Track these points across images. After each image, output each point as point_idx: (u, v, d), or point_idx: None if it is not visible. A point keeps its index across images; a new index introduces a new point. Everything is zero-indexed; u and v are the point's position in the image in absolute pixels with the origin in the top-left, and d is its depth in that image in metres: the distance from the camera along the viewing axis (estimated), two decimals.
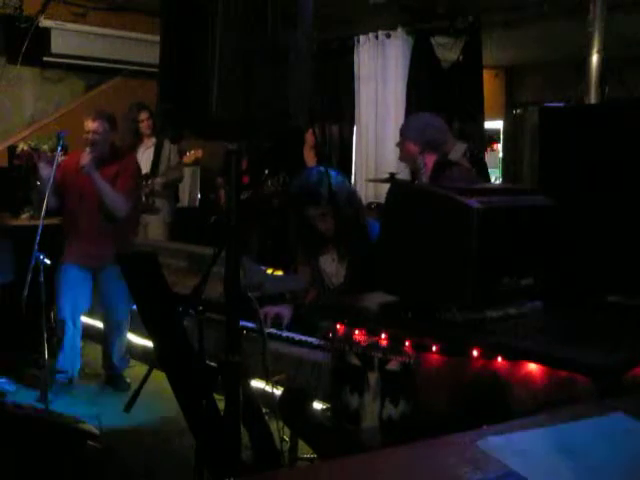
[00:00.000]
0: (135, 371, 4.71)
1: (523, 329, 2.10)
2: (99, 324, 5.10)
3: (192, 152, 5.96)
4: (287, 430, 2.86)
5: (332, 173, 3.13)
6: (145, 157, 5.92)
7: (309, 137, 5.88)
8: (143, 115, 5.90)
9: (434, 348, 2.05)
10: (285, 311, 3.11)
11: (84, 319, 4.92)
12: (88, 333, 5.05)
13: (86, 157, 4.47)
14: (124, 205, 4.58)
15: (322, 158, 5.72)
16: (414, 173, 3.82)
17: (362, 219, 3.27)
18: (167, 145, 5.95)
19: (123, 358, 4.82)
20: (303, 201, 3.15)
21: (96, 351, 5.09)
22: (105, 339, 4.84)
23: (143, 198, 5.71)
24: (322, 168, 3.23)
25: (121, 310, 4.68)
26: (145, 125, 5.94)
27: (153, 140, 5.98)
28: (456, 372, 2.01)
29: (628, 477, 1.06)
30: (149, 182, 5.77)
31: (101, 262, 4.63)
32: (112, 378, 4.83)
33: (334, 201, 3.05)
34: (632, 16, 4.91)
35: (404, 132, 3.78)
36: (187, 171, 7.01)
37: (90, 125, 4.56)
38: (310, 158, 5.99)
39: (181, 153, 6.01)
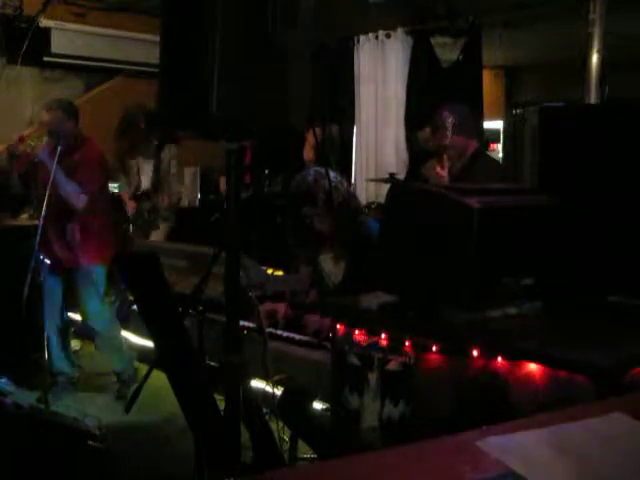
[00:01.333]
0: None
1: (523, 329, 2.10)
2: None
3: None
4: (287, 430, 2.86)
5: (330, 173, 3.15)
6: (145, 170, 5.83)
7: (309, 137, 5.88)
8: (141, 119, 5.83)
9: (434, 348, 2.05)
10: (278, 308, 3.12)
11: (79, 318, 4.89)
12: (89, 334, 5.05)
13: (41, 146, 4.32)
14: (78, 196, 4.35)
15: (322, 158, 5.72)
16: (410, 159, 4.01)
17: (360, 219, 3.27)
18: (167, 156, 5.86)
19: (125, 367, 4.68)
20: (301, 201, 3.16)
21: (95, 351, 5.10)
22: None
23: (145, 215, 5.64)
24: (320, 169, 3.24)
25: (96, 317, 4.59)
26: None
27: (151, 149, 5.86)
28: (456, 372, 2.01)
29: (628, 477, 1.06)
30: (150, 197, 5.68)
31: (70, 264, 4.53)
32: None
33: (331, 201, 3.06)
34: (632, 16, 4.90)
35: (451, 126, 3.88)
36: (187, 171, 7.01)
37: (44, 117, 4.44)
38: (310, 158, 5.99)
39: (180, 163, 5.94)
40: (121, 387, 4.67)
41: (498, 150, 8.76)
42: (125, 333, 4.67)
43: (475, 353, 1.96)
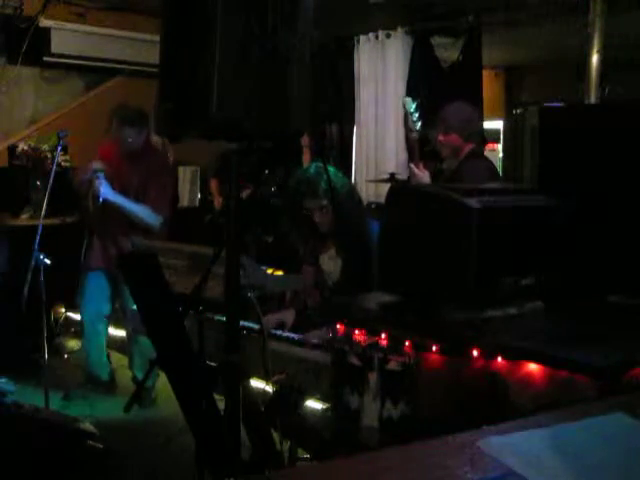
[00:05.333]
0: None
1: (523, 329, 2.09)
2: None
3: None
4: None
5: (330, 169, 3.15)
6: None
7: (305, 137, 5.89)
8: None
9: (434, 348, 2.05)
10: (287, 318, 3.11)
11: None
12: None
13: (98, 184, 4.16)
14: (156, 217, 4.28)
15: (318, 157, 5.73)
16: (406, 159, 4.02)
17: (362, 216, 3.27)
18: None
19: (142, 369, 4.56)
20: (302, 193, 3.16)
21: None
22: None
23: None
24: (320, 164, 3.25)
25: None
26: None
27: None
28: (456, 372, 2.01)
29: (628, 477, 1.06)
30: None
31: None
32: (136, 392, 4.58)
33: (332, 195, 3.07)
34: (632, 16, 4.90)
35: (448, 125, 3.88)
36: (187, 171, 7.00)
37: (113, 129, 4.28)
38: (306, 157, 6.01)
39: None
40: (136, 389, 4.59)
41: (498, 150, 8.76)
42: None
43: (475, 353, 1.96)
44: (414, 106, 3.88)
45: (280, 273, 3.68)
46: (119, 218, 4.35)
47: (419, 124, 3.92)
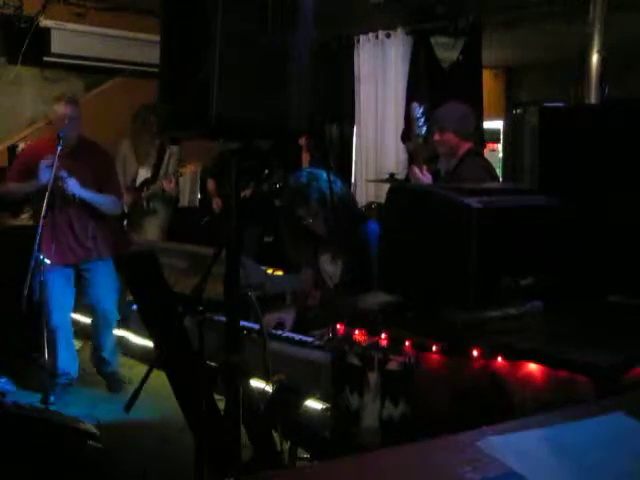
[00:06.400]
0: (135, 371, 4.70)
1: (523, 329, 2.09)
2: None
3: (189, 165, 5.89)
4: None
5: (322, 174, 3.16)
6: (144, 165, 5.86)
7: (303, 138, 5.89)
8: (154, 118, 5.79)
9: (434, 348, 2.05)
10: (287, 317, 3.11)
11: (79, 318, 4.91)
12: (86, 333, 5.04)
13: (71, 182, 4.29)
14: (119, 204, 4.72)
15: (316, 158, 5.73)
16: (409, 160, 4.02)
17: (357, 219, 3.27)
18: (169, 151, 5.85)
19: (113, 354, 4.77)
20: (294, 202, 3.18)
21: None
22: (94, 333, 4.81)
23: (144, 204, 5.66)
24: (313, 169, 3.27)
25: (112, 313, 4.66)
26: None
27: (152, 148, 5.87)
28: (456, 372, 2.01)
29: (627, 477, 1.06)
30: (150, 187, 5.70)
31: (84, 256, 4.56)
32: (106, 376, 4.79)
33: (323, 201, 3.08)
34: (632, 16, 4.90)
35: (443, 124, 3.88)
36: (187, 171, 6.99)
37: (63, 110, 4.36)
38: (305, 158, 6.01)
39: (180, 162, 5.92)
40: (118, 383, 4.75)
41: (498, 150, 8.76)
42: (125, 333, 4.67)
43: (475, 353, 1.96)
44: (420, 112, 3.88)
45: (280, 273, 3.68)
46: (78, 212, 4.48)
47: (424, 129, 3.92)
